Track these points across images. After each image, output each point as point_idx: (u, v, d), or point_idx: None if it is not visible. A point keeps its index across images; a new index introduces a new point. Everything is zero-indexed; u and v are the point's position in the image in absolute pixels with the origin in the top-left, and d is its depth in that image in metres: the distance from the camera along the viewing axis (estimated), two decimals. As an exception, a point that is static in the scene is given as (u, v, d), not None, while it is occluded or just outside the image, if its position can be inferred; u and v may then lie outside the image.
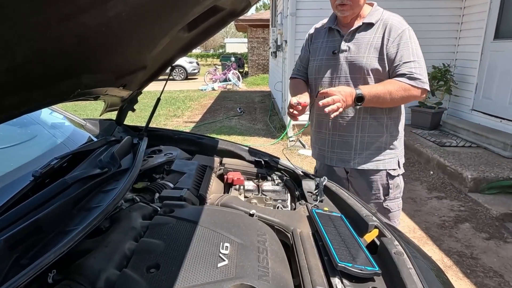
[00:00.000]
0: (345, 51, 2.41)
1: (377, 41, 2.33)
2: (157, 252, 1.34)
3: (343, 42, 2.43)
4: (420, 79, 2.25)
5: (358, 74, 2.37)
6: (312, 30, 2.74)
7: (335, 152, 2.58)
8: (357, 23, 2.42)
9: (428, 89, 2.30)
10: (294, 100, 2.29)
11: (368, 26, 2.38)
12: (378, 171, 2.51)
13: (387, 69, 2.33)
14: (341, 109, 2.17)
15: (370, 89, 2.26)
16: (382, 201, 2.55)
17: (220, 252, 1.37)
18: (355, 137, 2.48)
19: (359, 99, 2.24)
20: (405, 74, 2.26)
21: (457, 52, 8.02)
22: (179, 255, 1.32)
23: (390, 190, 2.53)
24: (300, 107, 2.28)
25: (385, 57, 2.31)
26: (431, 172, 6.25)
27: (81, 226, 1.25)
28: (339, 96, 2.16)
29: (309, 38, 2.73)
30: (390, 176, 2.51)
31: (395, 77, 2.30)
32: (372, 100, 2.27)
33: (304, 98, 2.38)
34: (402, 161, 2.57)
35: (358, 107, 2.30)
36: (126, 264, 1.31)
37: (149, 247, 1.37)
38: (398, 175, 2.54)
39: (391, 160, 2.50)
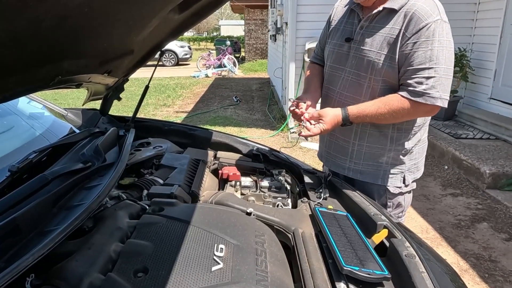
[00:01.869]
0: (357, 40, 2.19)
1: (392, 34, 2.03)
2: (145, 254, 1.34)
3: (358, 29, 2.20)
4: (428, 93, 1.94)
5: (364, 72, 2.15)
6: (335, 6, 2.49)
7: (331, 154, 2.47)
8: (379, 8, 2.11)
9: (443, 105, 1.97)
10: (296, 101, 2.24)
11: (390, 13, 2.07)
12: (374, 185, 2.31)
13: (398, 71, 2.06)
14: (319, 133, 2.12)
15: (358, 111, 2.09)
16: None
17: (215, 255, 1.36)
18: (351, 144, 2.31)
19: (346, 124, 2.13)
20: (409, 86, 1.99)
21: (474, 35, 7.98)
22: (170, 258, 1.32)
23: (389, 209, 2.32)
24: (298, 111, 2.21)
25: (397, 56, 2.02)
26: (446, 167, 6.26)
27: (62, 226, 1.25)
28: (322, 125, 2.09)
29: (330, 16, 2.50)
30: (389, 193, 2.30)
31: (400, 88, 2.06)
32: (364, 121, 2.13)
33: (308, 98, 2.29)
34: (414, 176, 2.34)
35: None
36: (111, 267, 1.31)
37: (136, 249, 1.37)
38: (401, 194, 2.32)
39: (394, 176, 2.28)
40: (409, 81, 1.99)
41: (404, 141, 2.23)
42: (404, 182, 2.29)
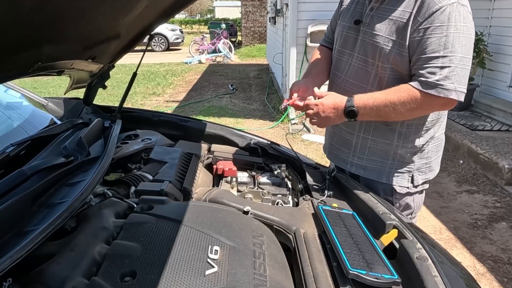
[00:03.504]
0: (367, 23, 2.15)
1: (402, 18, 1.98)
2: (133, 257, 1.34)
3: (367, 11, 2.16)
4: (441, 85, 1.87)
5: (371, 59, 2.11)
6: None
7: (334, 147, 2.45)
8: None
9: (459, 98, 1.89)
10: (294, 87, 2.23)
11: None
12: (380, 183, 2.28)
13: (409, 59, 2.00)
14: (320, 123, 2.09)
15: (365, 98, 2.02)
16: None
17: (209, 257, 1.37)
18: (355, 137, 2.27)
19: (351, 113, 2.02)
20: (421, 76, 1.92)
21: (492, 17, 7.97)
22: (159, 261, 1.32)
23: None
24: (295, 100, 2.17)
25: (407, 43, 1.97)
26: (461, 161, 6.27)
27: (42, 226, 1.25)
28: (315, 108, 2.05)
29: None
30: (395, 194, 2.26)
31: (412, 78, 1.99)
32: (370, 114, 2.03)
33: (306, 83, 2.26)
34: (425, 177, 2.29)
35: (351, 121, 2.08)
36: (96, 271, 1.30)
37: (123, 251, 1.37)
38: (409, 194, 2.29)
39: (400, 175, 2.25)
40: (421, 71, 1.92)
41: (414, 138, 2.17)
42: (412, 182, 2.25)
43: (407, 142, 2.18)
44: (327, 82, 2.45)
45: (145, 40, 2.34)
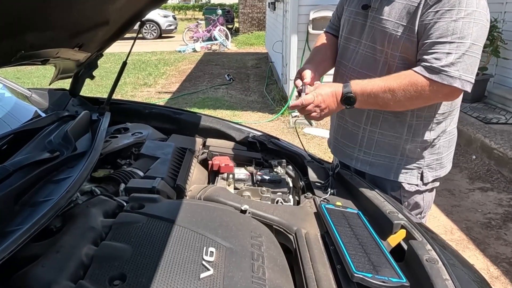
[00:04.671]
0: (375, 8, 2.15)
1: (413, 2, 1.98)
2: (122, 259, 1.34)
3: None
4: (446, 71, 1.86)
5: (380, 46, 2.12)
6: None
7: (338, 141, 2.45)
8: None
9: (463, 88, 1.88)
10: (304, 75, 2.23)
11: None
12: (387, 180, 2.28)
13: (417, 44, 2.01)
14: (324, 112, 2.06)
15: (363, 84, 2.02)
16: None
17: (204, 259, 1.37)
18: (362, 130, 2.27)
19: (348, 100, 2.02)
20: (426, 61, 1.91)
21: (507, 3, 7.94)
22: (151, 263, 1.32)
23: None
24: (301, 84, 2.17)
25: (416, 28, 1.97)
26: (474, 157, 6.27)
27: (25, 226, 1.25)
28: (315, 99, 2.02)
29: None
30: (404, 191, 2.26)
31: (417, 64, 1.98)
32: (368, 101, 2.03)
33: (308, 69, 2.23)
34: (436, 174, 2.28)
35: (348, 108, 2.08)
36: (83, 274, 1.30)
37: (112, 252, 1.37)
38: (418, 192, 2.28)
39: (409, 172, 2.25)
40: (425, 56, 1.92)
41: (425, 131, 2.17)
42: (421, 180, 2.25)
43: (417, 136, 2.17)
44: (331, 72, 2.44)
45: (136, 27, 2.34)
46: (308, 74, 2.15)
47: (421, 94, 1.93)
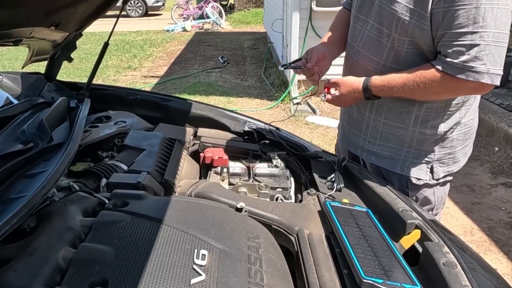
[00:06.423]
0: None
1: None
2: (104, 262, 1.33)
3: None
4: (471, 67, 1.84)
5: (387, 29, 2.10)
6: None
7: (345, 128, 2.49)
8: None
9: (494, 82, 1.86)
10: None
11: None
12: (394, 173, 2.31)
13: (431, 33, 1.97)
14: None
15: (383, 80, 2.07)
16: None
17: (195, 263, 1.36)
18: (366, 118, 2.30)
19: (367, 93, 2.12)
20: (447, 57, 1.91)
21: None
22: (135, 268, 1.32)
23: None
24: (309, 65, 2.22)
25: (429, 15, 1.93)
26: (496, 149, 6.27)
27: (-6, 226, 1.25)
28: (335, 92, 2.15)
29: None
30: (411, 186, 2.28)
31: (438, 58, 1.98)
32: (390, 95, 2.13)
33: (321, 51, 2.30)
34: (448, 169, 2.29)
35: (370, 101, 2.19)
36: (59, 279, 1.30)
37: (92, 255, 1.36)
38: (428, 186, 2.30)
39: (418, 166, 2.26)
40: (446, 50, 1.90)
41: (435, 123, 2.17)
42: (432, 174, 2.25)
43: (425, 127, 2.17)
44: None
45: (119, 3, 2.33)
46: (313, 56, 2.18)
47: (445, 90, 1.99)
